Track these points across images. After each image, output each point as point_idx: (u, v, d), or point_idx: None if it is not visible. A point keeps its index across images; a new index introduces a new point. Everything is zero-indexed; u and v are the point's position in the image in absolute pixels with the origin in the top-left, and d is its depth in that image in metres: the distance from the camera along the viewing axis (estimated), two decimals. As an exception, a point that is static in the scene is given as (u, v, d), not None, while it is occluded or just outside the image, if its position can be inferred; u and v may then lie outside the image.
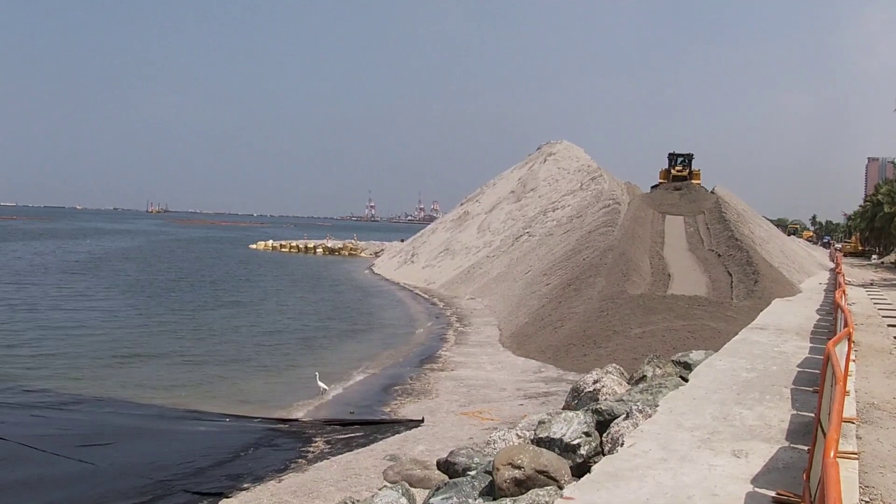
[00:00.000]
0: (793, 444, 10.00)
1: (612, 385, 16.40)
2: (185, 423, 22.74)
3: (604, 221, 58.81)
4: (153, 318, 44.67)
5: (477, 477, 11.94)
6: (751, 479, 8.66)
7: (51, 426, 21.81)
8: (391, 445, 19.79)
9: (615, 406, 12.89)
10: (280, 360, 33.45)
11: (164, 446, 20.10)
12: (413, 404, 25.04)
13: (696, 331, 31.14)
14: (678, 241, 55.53)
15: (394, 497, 12.51)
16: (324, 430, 21.91)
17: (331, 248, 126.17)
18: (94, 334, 38.07)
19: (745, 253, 47.59)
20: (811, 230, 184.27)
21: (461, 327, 43.97)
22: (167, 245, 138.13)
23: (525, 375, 29.30)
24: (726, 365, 15.70)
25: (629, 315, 34.12)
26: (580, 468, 11.02)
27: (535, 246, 66.15)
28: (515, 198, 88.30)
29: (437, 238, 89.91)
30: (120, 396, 25.85)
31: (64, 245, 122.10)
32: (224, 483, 17.39)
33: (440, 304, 56.25)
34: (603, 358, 27.99)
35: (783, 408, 12.05)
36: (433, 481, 14.18)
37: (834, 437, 6.06)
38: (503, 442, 14.29)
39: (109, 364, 31.18)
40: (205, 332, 40.19)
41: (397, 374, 30.57)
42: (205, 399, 25.79)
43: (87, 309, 47.40)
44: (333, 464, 18.46)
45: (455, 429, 21.26)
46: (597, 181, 79.19)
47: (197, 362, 32.23)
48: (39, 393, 25.79)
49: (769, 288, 39.23)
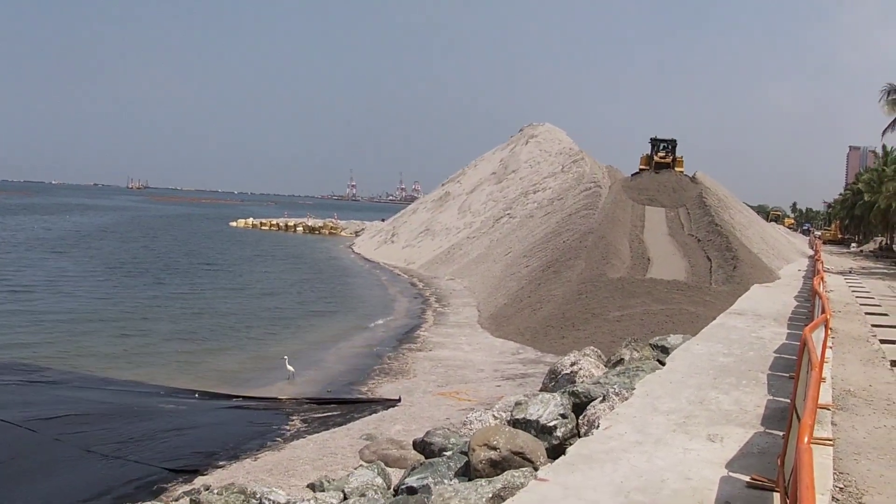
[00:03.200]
0: (768, 429, 10.01)
1: (590, 367, 16.43)
2: (157, 400, 22.55)
3: (584, 204, 58.84)
4: (129, 295, 44.43)
5: (453, 457, 11.92)
6: (725, 463, 8.66)
7: (18, 403, 21.53)
8: (368, 425, 19.79)
9: (592, 388, 12.89)
10: (257, 339, 33.35)
11: (137, 424, 19.87)
12: (390, 384, 25.04)
13: (675, 315, 31.25)
14: (658, 226, 55.58)
15: (369, 476, 12.50)
16: (300, 409, 21.86)
17: (311, 226, 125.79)
18: (66, 311, 37.81)
19: (724, 238, 47.68)
20: (791, 217, 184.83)
21: (440, 308, 43.97)
22: (147, 222, 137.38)
23: (503, 357, 29.33)
24: (703, 349, 15.72)
25: (608, 298, 34.20)
26: (556, 450, 11.00)
27: (516, 227, 66.19)
28: (497, 179, 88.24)
29: (417, 218, 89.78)
30: (90, 373, 25.68)
31: (43, 221, 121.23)
32: (199, 461, 17.31)
33: (419, 285, 56.20)
34: (581, 341, 28.08)
35: (759, 393, 12.07)
36: (409, 461, 14.18)
37: (808, 423, 6.05)
38: (479, 423, 14.28)
39: (80, 341, 30.99)
40: (179, 310, 39.99)
41: (375, 353, 30.55)
42: (179, 377, 25.67)
43: (64, 284, 47.16)
44: (310, 442, 18.44)
45: (432, 409, 21.27)
46: (578, 164, 79.15)
47: (171, 340, 32.10)
48: (7, 367, 25.50)
49: (748, 273, 39.35)
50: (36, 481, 15.82)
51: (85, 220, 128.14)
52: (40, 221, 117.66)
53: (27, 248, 70.56)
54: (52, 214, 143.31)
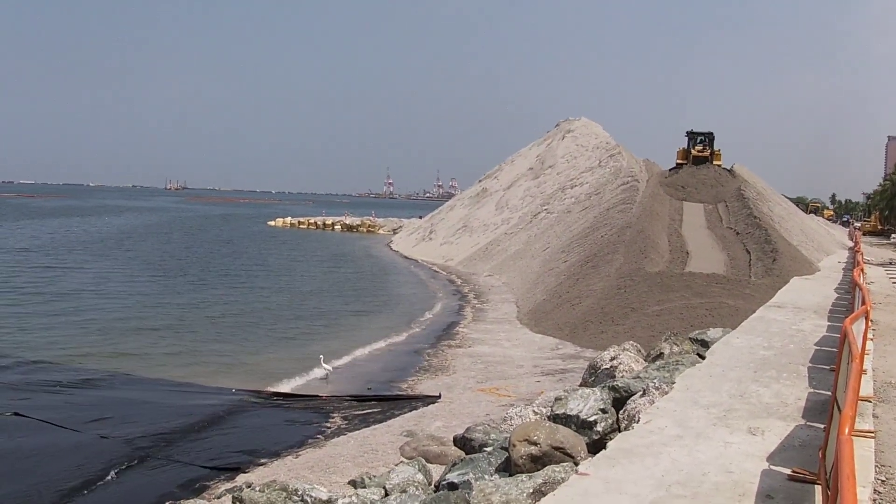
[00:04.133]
0: (809, 422, 9.98)
1: (629, 362, 16.39)
2: (199, 399, 22.82)
3: (622, 199, 58.55)
4: (170, 295, 44.81)
5: (493, 453, 11.98)
6: (766, 456, 8.65)
7: (66, 402, 21.93)
8: (408, 421, 19.88)
9: (632, 383, 12.88)
10: (297, 338, 33.53)
11: (179, 423, 20.14)
12: (430, 380, 25.12)
13: (714, 308, 31.07)
14: (697, 219, 55.18)
15: (410, 472, 12.57)
16: (341, 406, 22.00)
17: (349, 224, 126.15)
18: (108, 312, 38.28)
19: (763, 231, 47.25)
20: (831, 209, 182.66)
21: (479, 304, 44.03)
22: (186, 222, 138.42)
23: (542, 352, 29.33)
24: (743, 343, 15.65)
25: (647, 292, 34.06)
26: (596, 445, 11.02)
27: (553, 223, 66.04)
28: (534, 175, 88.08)
29: (455, 215, 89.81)
30: (132, 372, 26.02)
31: (85, 223, 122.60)
32: (241, 458, 17.51)
33: (458, 281, 56.28)
34: (620, 335, 27.97)
35: (800, 386, 12.02)
36: (450, 457, 14.24)
37: (849, 415, 6.05)
38: (520, 418, 14.32)
39: (121, 340, 31.40)
40: (221, 310, 40.31)
41: (415, 350, 30.66)
42: (221, 376, 25.86)
43: (105, 286, 47.73)
44: (350, 439, 18.56)
45: (472, 405, 21.32)
46: (615, 158, 78.76)
47: (213, 340, 32.37)
48: (51, 370, 25.92)
49: (787, 266, 39.01)
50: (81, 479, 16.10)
51: (124, 222, 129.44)
52: (82, 223, 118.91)
53: (68, 250, 71.29)
54: (92, 216, 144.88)
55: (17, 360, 26.99)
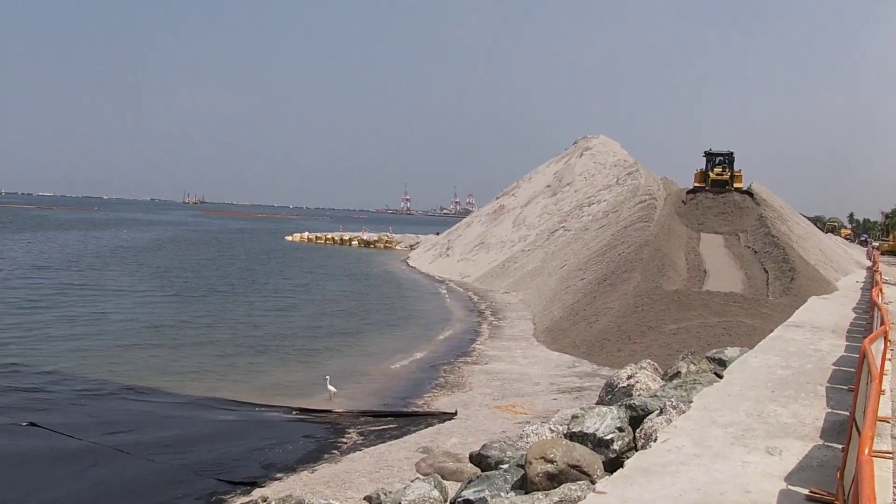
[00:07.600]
0: (827, 442, 9.95)
1: (646, 381, 16.37)
2: (215, 412, 22.90)
3: (640, 217, 58.41)
4: (188, 309, 44.96)
5: (509, 470, 11.97)
6: (784, 476, 8.63)
7: (82, 414, 22.02)
8: (424, 438, 19.87)
9: (649, 402, 12.86)
10: (314, 352, 33.56)
11: (195, 434, 20.25)
12: (446, 397, 25.11)
13: (732, 328, 30.96)
14: (714, 238, 55.00)
15: (426, 489, 12.56)
16: (357, 422, 22.00)
17: (366, 240, 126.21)
18: (125, 323, 38.50)
19: (781, 250, 47.09)
20: (848, 228, 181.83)
21: (495, 321, 43.99)
22: (205, 237, 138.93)
23: (559, 370, 29.28)
24: (761, 362, 15.61)
25: (664, 311, 33.98)
26: (613, 463, 11.01)
27: (571, 240, 65.94)
28: (551, 192, 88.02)
29: (472, 232, 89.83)
30: (149, 385, 26.10)
31: (98, 236, 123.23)
32: (257, 472, 17.53)
33: (475, 298, 56.22)
34: (637, 353, 27.93)
35: (818, 406, 11.98)
36: (465, 474, 14.23)
37: (868, 434, 6.04)
38: (536, 436, 14.30)
39: (138, 353, 31.53)
40: (237, 323, 40.48)
41: (431, 366, 30.64)
42: (238, 390, 25.92)
43: (122, 297, 47.91)
44: (366, 455, 18.55)
45: (488, 422, 21.29)
46: (633, 176, 78.56)
47: (230, 354, 32.42)
48: (69, 381, 26.07)
49: (805, 285, 38.85)
50: (96, 491, 16.15)
51: (141, 236, 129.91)
52: (104, 238, 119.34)
53: (86, 264, 71.61)
54: (109, 229, 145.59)
55: (36, 371, 27.16)
